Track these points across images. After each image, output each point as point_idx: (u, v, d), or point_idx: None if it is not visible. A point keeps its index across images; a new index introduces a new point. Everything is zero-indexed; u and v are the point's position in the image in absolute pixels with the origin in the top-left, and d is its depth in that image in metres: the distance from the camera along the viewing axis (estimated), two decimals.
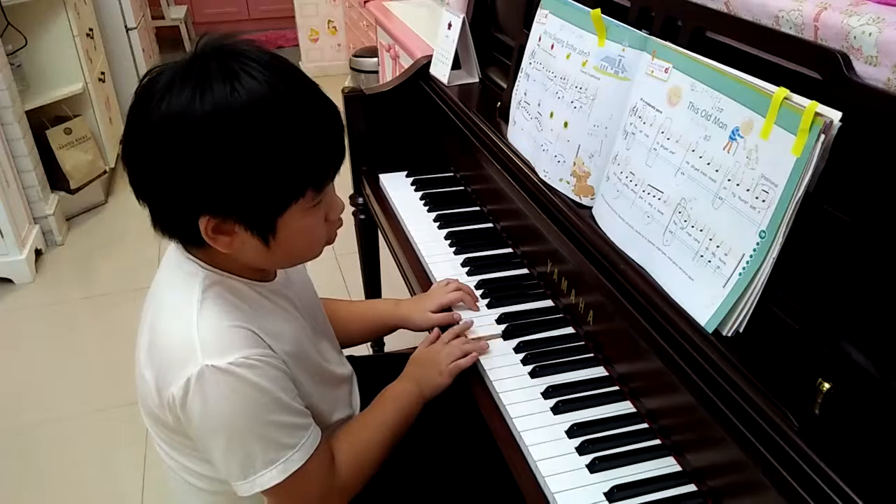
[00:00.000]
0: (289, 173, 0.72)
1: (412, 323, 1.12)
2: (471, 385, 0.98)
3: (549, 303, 1.12)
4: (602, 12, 0.98)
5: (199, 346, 0.74)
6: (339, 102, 0.85)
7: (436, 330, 1.07)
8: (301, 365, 0.85)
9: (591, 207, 1.02)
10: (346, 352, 1.09)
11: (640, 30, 0.94)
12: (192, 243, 0.78)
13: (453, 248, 1.27)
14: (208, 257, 0.80)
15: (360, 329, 1.13)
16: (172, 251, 0.83)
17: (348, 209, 1.60)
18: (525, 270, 1.21)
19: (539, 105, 1.12)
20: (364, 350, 1.86)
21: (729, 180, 0.76)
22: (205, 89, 0.68)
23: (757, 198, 0.72)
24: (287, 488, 0.79)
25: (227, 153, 0.69)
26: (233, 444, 0.76)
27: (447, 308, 1.10)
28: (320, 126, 0.74)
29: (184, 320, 0.76)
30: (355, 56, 3.55)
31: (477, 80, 1.53)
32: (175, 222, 0.76)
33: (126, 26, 3.35)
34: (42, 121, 2.69)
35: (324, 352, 0.95)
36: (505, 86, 1.35)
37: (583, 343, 1.02)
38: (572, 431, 0.86)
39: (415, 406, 0.95)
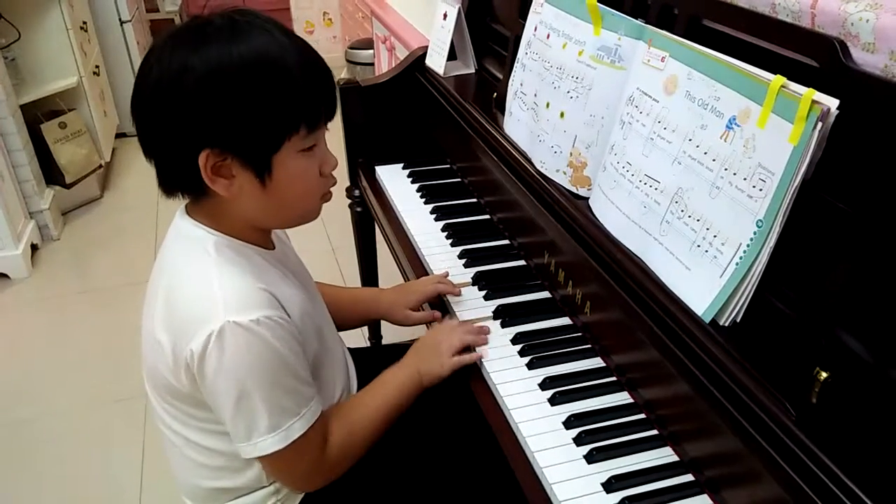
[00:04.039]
0: (283, 105, 0.76)
1: (392, 319, 1.14)
2: (468, 375, 0.98)
3: (546, 294, 1.11)
4: (598, 1, 0.97)
5: (221, 303, 0.76)
6: None
7: (445, 320, 1.07)
8: (309, 330, 0.86)
9: (587, 198, 1.01)
10: (345, 343, 1.09)
11: (636, 18, 0.93)
12: (196, 192, 0.80)
13: (450, 240, 1.27)
14: (214, 222, 0.82)
15: (344, 315, 1.13)
16: (177, 222, 0.84)
17: (345, 201, 1.61)
18: (522, 262, 1.20)
19: (535, 95, 1.12)
20: (362, 342, 1.86)
21: (726, 169, 0.75)
22: (206, 34, 0.74)
23: (754, 187, 0.71)
24: (282, 456, 0.81)
25: (227, 86, 0.73)
26: (242, 403, 0.77)
27: (430, 301, 1.11)
28: (311, 64, 0.78)
29: (203, 280, 0.78)
30: (351, 48, 3.53)
31: (473, 70, 1.52)
32: (178, 167, 0.78)
33: (120, 19, 3.33)
34: (36, 115, 2.67)
35: (323, 324, 0.95)
36: (501, 76, 1.34)
37: (580, 334, 1.02)
38: (570, 422, 0.86)
39: (413, 394, 0.96)
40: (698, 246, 0.78)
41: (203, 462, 0.89)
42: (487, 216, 1.34)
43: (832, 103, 0.65)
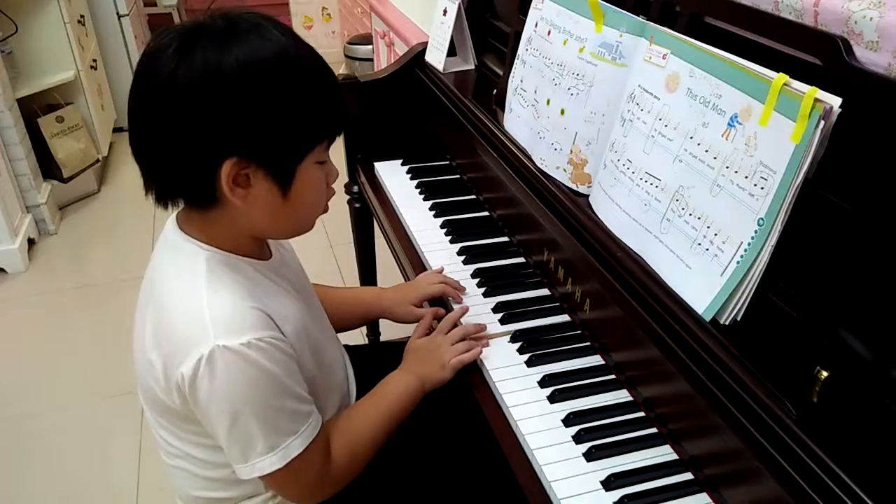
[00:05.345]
0: (311, 118, 0.76)
1: (395, 315, 1.13)
2: (468, 374, 0.98)
3: (545, 291, 1.11)
4: None
5: (210, 325, 0.74)
6: None
7: (427, 317, 1.07)
8: (304, 346, 0.85)
9: (588, 195, 1.01)
10: (343, 341, 1.08)
11: (638, 15, 0.93)
12: (201, 201, 0.77)
13: (449, 237, 1.27)
14: (207, 236, 0.80)
15: (344, 316, 1.13)
16: (168, 235, 0.82)
17: (344, 198, 1.61)
18: (521, 259, 1.20)
19: (536, 92, 1.11)
20: (360, 339, 1.86)
21: (727, 167, 0.75)
22: (238, 38, 0.71)
23: (755, 185, 0.71)
24: (284, 474, 0.80)
25: (261, 96, 0.71)
26: (236, 426, 0.76)
27: (432, 299, 1.10)
28: (332, 74, 0.78)
29: (193, 300, 0.76)
30: (350, 43, 3.53)
31: (473, 67, 1.52)
32: (190, 175, 0.75)
33: (118, 13, 3.31)
34: (34, 109, 2.66)
35: (321, 334, 0.95)
36: (501, 73, 1.34)
37: (579, 332, 1.02)
38: (569, 420, 0.86)
39: (415, 399, 0.95)
40: (699, 244, 0.78)
41: (199, 473, 0.88)
42: (487, 213, 1.34)
43: (835, 102, 0.64)
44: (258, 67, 0.71)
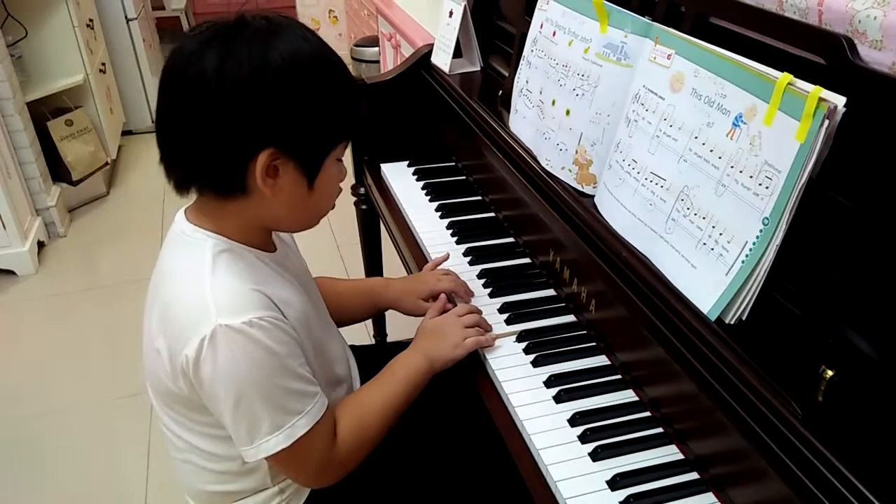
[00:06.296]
0: (341, 115, 0.80)
1: (402, 307, 1.13)
2: (473, 373, 0.98)
3: (551, 292, 1.11)
4: None
5: (213, 307, 0.75)
6: None
7: (440, 302, 1.07)
8: (305, 336, 0.85)
9: (593, 196, 1.01)
10: (350, 341, 1.09)
11: (643, 16, 0.93)
12: (227, 190, 0.79)
13: (455, 238, 1.27)
14: (217, 226, 0.81)
15: (352, 306, 1.13)
16: (176, 227, 0.84)
17: (350, 199, 1.61)
18: (527, 260, 1.20)
19: (541, 93, 1.12)
20: (367, 339, 1.86)
21: (732, 167, 0.75)
22: (279, 36, 0.75)
23: (760, 184, 0.71)
24: (290, 454, 0.80)
25: (302, 91, 0.75)
26: (241, 406, 0.77)
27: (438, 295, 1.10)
28: (353, 79, 0.83)
29: (196, 284, 0.77)
30: (356, 46, 3.54)
31: (478, 68, 1.52)
32: (227, 164, 0.77)
33: (126, 17, 3.33)
34: (43, 112, 2.68)
35: (323, 330, 0.95)
36: (507, 74, 1.34)
37: (585, 332, 1.02)
38: (574, 420, 0.86)
39: (423, 381, 0.94)
40: (704, 244, 0.78)
41: (207, 466, 0.88)
42: (493, 214, 1.34)
43: (839, 101, 0.64)
44: (301, 63, 0.75)
